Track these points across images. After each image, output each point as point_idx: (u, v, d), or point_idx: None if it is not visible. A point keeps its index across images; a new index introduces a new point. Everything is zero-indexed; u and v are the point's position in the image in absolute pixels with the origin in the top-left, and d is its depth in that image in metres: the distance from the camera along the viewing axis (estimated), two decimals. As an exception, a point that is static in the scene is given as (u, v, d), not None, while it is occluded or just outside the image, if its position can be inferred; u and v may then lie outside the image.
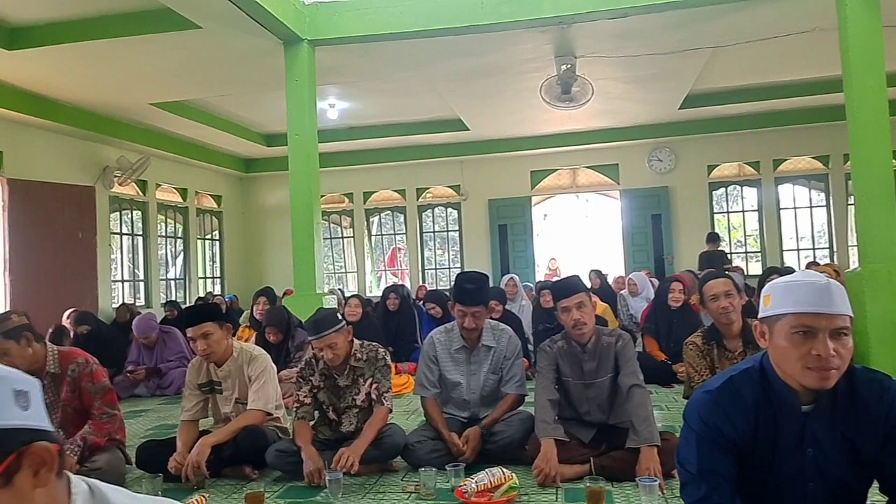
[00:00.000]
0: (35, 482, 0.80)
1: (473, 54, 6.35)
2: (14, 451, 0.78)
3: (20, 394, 0.81)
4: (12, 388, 0.81)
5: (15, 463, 0.78)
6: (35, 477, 0.80)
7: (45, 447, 0.81)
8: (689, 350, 3.05)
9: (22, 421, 0.80)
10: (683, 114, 9.51)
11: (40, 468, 0.80)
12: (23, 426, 0.80)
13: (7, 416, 0.79)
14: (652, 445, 2.68)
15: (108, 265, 8.66)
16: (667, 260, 10.57)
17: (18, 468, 0.78)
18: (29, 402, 0.82)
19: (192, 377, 3.32)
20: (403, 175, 11.33)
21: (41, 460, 0.80)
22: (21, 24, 5.63)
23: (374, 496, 2.82)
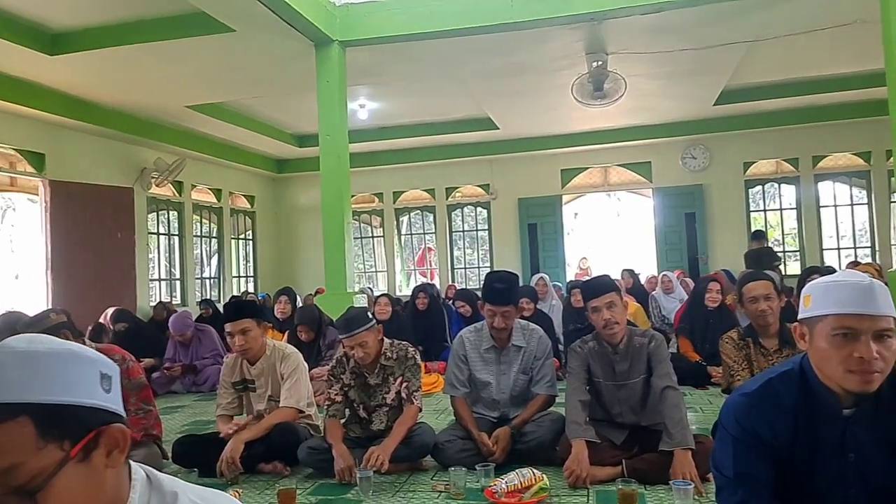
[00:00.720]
0: (107, 462, 0.84)
1: (503, 53, 6.32)
2: (95, 428, 0.83)
3: (105, 377, 0.87)
4: (100, 371, 0.86)
5: (94, 441, 0.83)
6: (108, 457, 0.84)
7: (121, 429, 0.86)
8: (725, 344, 3.04)
9: (104, 402, 0.85)
10: (719, 110, 9.31)
11: (113, 449, 0.85)
12: (104, 407, 0.85)
13: (93, 395, 0.84)
14: (686, 449, 2.63)
15: (146, 264, 8.87)
16: (701, 259, 10.37)
17: (96, 446, 0.83)
18: (111, 386, 0.87)
19: (227, 375, 3.38)
20: (433, 174, 11.34)
21: (115, 442, 0.85)
22: (62, 29, 5.80)
23: (405, 495, 2.83)
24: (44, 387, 0.80)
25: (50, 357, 0.83)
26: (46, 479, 0.78)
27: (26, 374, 0.80)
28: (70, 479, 0.80)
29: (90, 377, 0.85)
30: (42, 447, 0.79)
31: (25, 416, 0.78)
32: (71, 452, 0.80)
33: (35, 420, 0.79)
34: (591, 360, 2.98)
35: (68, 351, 0.85)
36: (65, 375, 0.82)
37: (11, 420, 0.78)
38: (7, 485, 0.77)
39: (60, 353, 0.84)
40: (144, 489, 0.89)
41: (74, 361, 0.84)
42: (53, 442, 0.80)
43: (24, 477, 0.77)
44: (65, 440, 0.80)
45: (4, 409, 0.78)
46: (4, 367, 0.80)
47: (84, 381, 0.84)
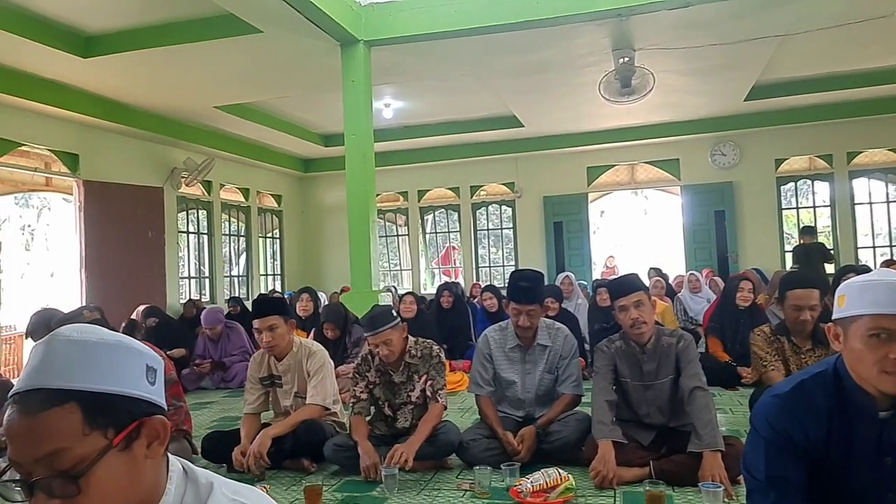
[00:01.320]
0: (147, 452, 0.87)
1: (529, 50, 6.29)
2: (138, 419, 0.86)
3: (150, 370, 0.90)
4: (146, 364, 0.89)
5: (136, 431, 0.85)
6: (148, 448, 0.87)
7: (163, 421, 0.89)
8: (756, 336, 3.00)
9: (148, 394, 0.88)
10: (749, 105, 9.13)
11: (154, 440, 0.87)
12: (148, 398, 0.88)
13: (138, 386, 0.87)
14: (716, 450, 2.59)
15: (176, 262, 9.03)
16: (731, 258, 10.19)
17: (137, 436, 0.86)
18: (156, 378, 0.91)
19: (254, 371, 3.42)
20: (458, 173, 11.34)
21: (156, 433, 0.88)
22: (95, 33, 5.93)
23: (429, 493, 2.84)
24: (92, 375, 0.83)
25: (100, 347, 0.85)
26: (89, 465, 0.80)
27: (76, 363, 0.83)
28: (111, 466, 0.82)
29: (137, 369, 0.88)
30: (87, 434, 0.81)
31: (73, 403, 0.81)
32: (114, 441, 0.83)
33: (82, 407, 0.81)
34: (618, 359, 2.95)
35: (118, 342, 0.88)
36: (113, 365, 0.85)
37: (60, 406, 0.81)
38: (52, 468, 0.79)
39: (110, 344, 0.87)
40: (181, 481, 0.92)
41: (123, 352, 0.87)
42: (98, 429, 0.82)
43: (68, 462, 0.80)
44: (109, 428, 0.83)
45: (54, 395, 0.81)
46: (57, 355, 0.83)
47: (131, 372, 0.87)
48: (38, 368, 0.83)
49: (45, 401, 0.81)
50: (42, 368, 0.83)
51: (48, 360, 0.83)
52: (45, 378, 0.82)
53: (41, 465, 0.80)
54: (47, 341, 0.86)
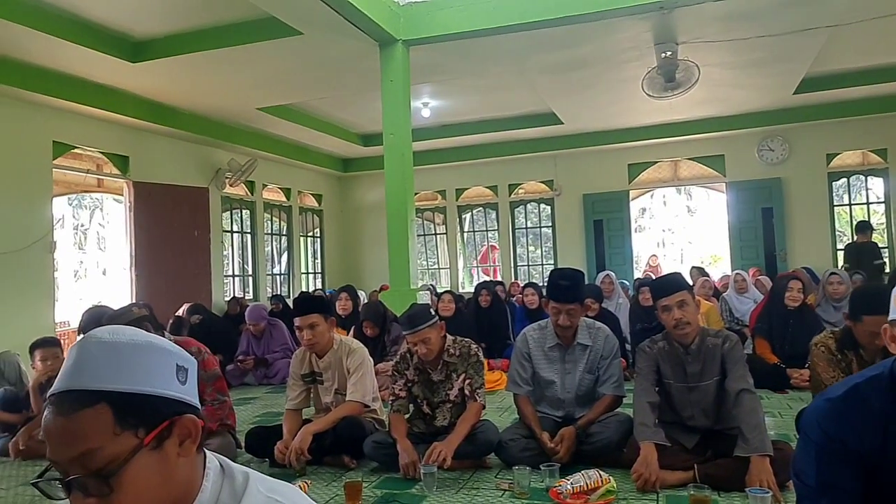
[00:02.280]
0: (179, 451, 0.88)
1: (568, 46, 6.21)
2: (168, 418, 0.87)
3: (181, 369, 0.91)
4: (176, 363, 0.91)
5: (167, 430, 0.87)
6: (180, 446, 0.88)
7: (193, 420, 0.90)
8: (819, 352, 2.76)
9: (179, 393, 0.89)
10: (798, 99, 8.83)
11: (185, 439, 0.89)
12: (178, 398, 0.89)
13: (168, 385, 0.88)
14: (764, 455, 2.51)
15: (221, 261, 9.25)
16: (779, 256, 9.87)
17: (168, 435, 0.87)
18: (187, 378, 0.92)
19: (296, 367, 3.48)
20: (496, 171, 11.29)
21: (188, 432, 0.89)
22: (143, 37, 6.12)
23: (468, 492, 2.83)
24: (123, 376, 0.84)
25: (130, 348, 0.87)
26: (121, 464, 0.82)
27: (107, 364, 0.85)
28: (143, 465, 0.84)
29: (167, 368, 0.89)
30: (119, 433, 0.83)
31: (104, 404, 0.83)
32: (145, 440, 0.84)
33: (113, 407, 0.83)
34: (661, 360, 2.88)
35: (148, 343, 0.89)
36: (143, 366, 0.86)
37: (91, 407, 0.82)
38: (85, 467, 0.81)
39: (140, 345, 0.88)
40: (217, 478, 0.92)
41: (153, 353, 0.88)
42: (129, 429, 0.84)
43: (100, 461, 0.81)
44: (139, 428, 0.84)
45: (86, 396, 0.83)
46: (88, 356, 0.85)
47: (161, 372, 0.88)
48: (71, 370, 0.85)
49: (77, 402, 0.82)
50: (75, 370, 0.85)
51: (80, 362, 0.85)
52: (78, 380, 0.84)
53: (76, 464, 0.82)
54: (80, 343, 0.88)
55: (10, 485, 3.27)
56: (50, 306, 6.70)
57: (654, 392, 2.86)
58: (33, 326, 6.07)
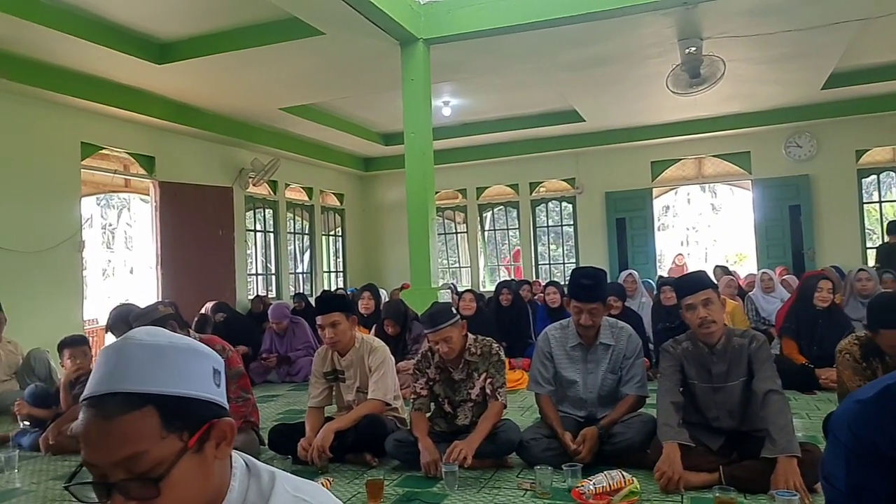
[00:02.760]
0: (216, 453, 0.88)
1: (590, 43, 6.16)
2: (208, 420, 0.87)
3: (216, 372, 0.92)
4: (212, 366, 0.91)
5: (206, 432, 0.87)
6: (217, 448, 0.88)
7: (230, 423, 0.90)
8: (844, 359, 2.71)
9: (216, 396, 0.90)
10: (827, 94, 8.64)
11: (221, 441, 0.89)
12: (216, 401, 0.90)
13: (207, 388, 0.88)
14: (791, 456, 2.46)
15: (245, 260, 9.36)
16: (807, 255, 9.68)
17: (208, 438, 0.87)
18: (221, 380, 0.92)
19: (318, 365, 3.50)
20: (517, 169, 11.25)
21: (224, 434, 0.89)
22: (168, 39, 6.21)
23: (489, 491, 2.82)
24: (168, 379, 0.84)
25: (172, 350, 0.87)
26: (168, 467, 0.82)
27: (151, 366, 0.84)
28: (186, 468, 0.84)
29: (205, 372, 0.89)
30: (164, 437, 0.82)
31: (151, 406, 0.82)
32: (189, 443, 0.84)
33: (160, 410, 0.82)
34: (685, 361, 2.84)
35: (188, 346, 0.89)
36: (185, 369, 0.87)
37: (138, 410, 0.82)
38: (129, 471, 0.81)
39: (181, 348, 0.88)
40: (244, 477, 0.93)
41: (193, 355, 0.89)
42: (174, 432, 0.83)
43: (147, 464, 0.81)
44: (184, 431, 0.84)
45: (133, 399, 0.82)
46: (132, 359, 0.84)
47: (200, 375, 0.88)
48: (112, 372, 0.84)
49: (122, 404, 0.81)
50: (116, 372, 0.83)
51: (123, 364, 0.84)
52: (121, 382, 0.83)
53: (119, 468, 0.80)
54: (119, 345, 0.87)
55: (41, 479, 3.34)
56: (79, 304, 6.84)
57: (678, 392, 2.82)
58: (62, 324, 6.21)
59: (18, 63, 5.81)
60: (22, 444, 3.90)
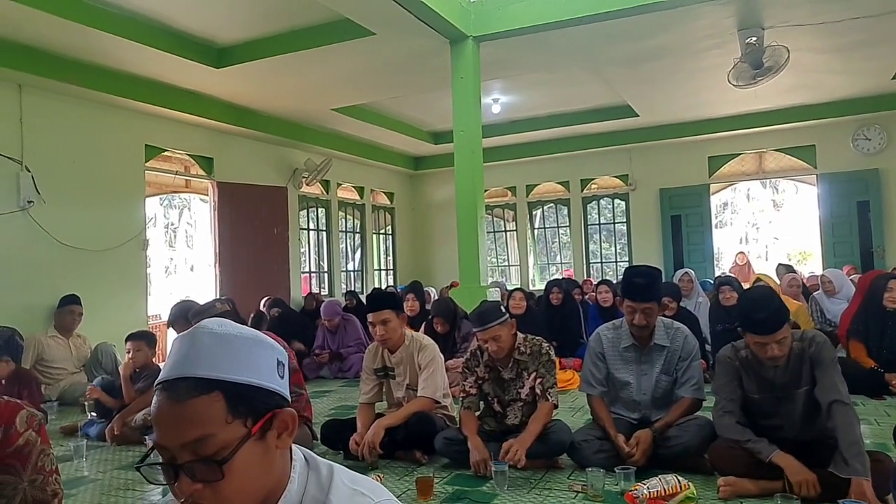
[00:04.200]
0: (277, 443, 0.91)
1: (644, 36, 6.01)
2: (271, 410, 0.91)
3: (280, 364, 0.95)
4: (276, 358, 0.94)
5: (269, 421, 0.90)
6: (278, 438, 0.91)
7: (292, 413, 0.93)
8: None
9: (279, 387, 0.93)
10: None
11: (283, 431, 0.92)
12: (279, 391, 0.93)
13: (272, 379, 0.92)
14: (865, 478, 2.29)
15: (298, 258, 9.56)
16: (877, 253, 9.19)
17: (270, 427, 0.90)
18: (284, 373, 0.95)
19: (369, 362, 3.54)
20: (567, 166, 11.10)
21: (285, 424, 0.92)
22: (226, 44, 6.40)
23: (540, 492, 2.80)
24: (235, 367, 0.88)
25: (240, 340, 0.91)
26: (232, 451, 0.85)
27: (220, 354, 0.88)
28: (249, 454, 0.87)
29: (270, 363, 0.92)
30: (230, 422, 0.86)
31: (218, 392, 0.86)
32: (252, 429, 0.87)
33: (226, 396, 0.86)
34: (745, 373, 2.67)
35: (254, 336, 0.93)
36: (251, 358, 0.90)
37: (207, 394, 0.86)
38: (195, 453, 0.85)
39: (248, 338, 0.92)
40: (303, 469, 0.96)
41: (259, 346, 0.92)
42: (239, 418, 0.87)
43: (212, 448, 0.85)
44: (248, 418, 0.87)
45: (203, 384, 0.86)
46: (203, 346, 0.89)
47: (266, 366, 0.91)
48: (184, 359, 0.88)
49: (192, 389, 0.85)
50: (188, 359, 0.88)
51: (194, 351, 0.88)
52: (192, 367, 0.87)
53: (186, 450, 0.84)
54: (191, 334, 0.91)
55: (107, 468, 3.50)
56: (143, 300, 7.14)
57: (738, 410, 2.66)
58: (128, 319, 6.49)
59: (86, 69, 6.10)
60: (89, 434, 4.09)
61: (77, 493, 3.07)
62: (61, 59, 5.87)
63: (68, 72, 5.93)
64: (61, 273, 6.10)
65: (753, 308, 2.53)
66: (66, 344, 5.66)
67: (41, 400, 4.73)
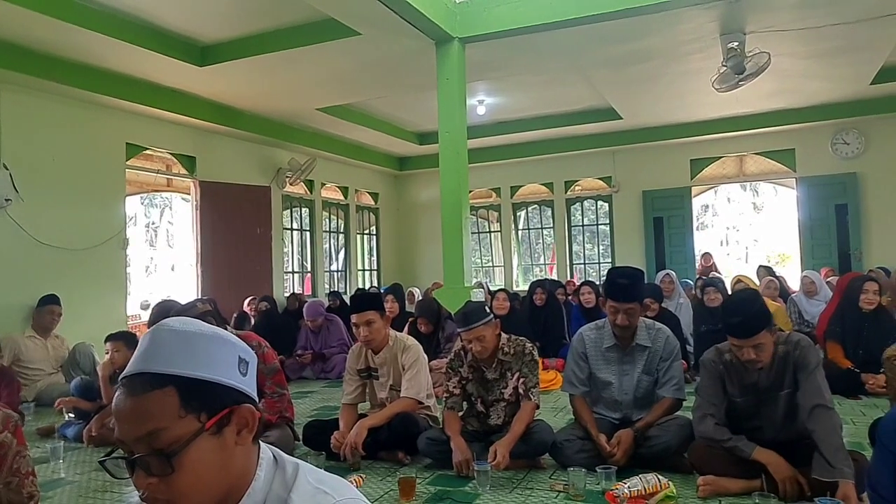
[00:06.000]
0: (237, 439, 0.92)
1: (628, 39, 6.06)
2: (228, 406, 0.91)
3: (243, 361, 0.95)
4: (239, 355, 0.95)
5: (227, 417, 0.91)
6: (238, 435, 0.92)
7: (251, 410, 0.94)
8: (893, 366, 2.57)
9: (239, 384, 0.94)
10: (876, 90, 8.32)
11: (243, 428, 0.93)
12: (239, 388, 0.93)
13: (230, 375, 0.93)
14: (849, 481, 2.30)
15: (281, 258, 9.51)
16: (854, 255, 9.35)
17: (228, 423, 0.91)
18: (248, 370, 0.96)
19: (352, 363, 3.53)
20: (551, 168, 11.15)
21: (245, 421, 0.93)
22: (209, 42, 6.34)
23: (522, 492, 2.81)
24: (190, 362, 0.89)
25: (198, 337, 0.92)
26: (183, 445, 0.86)
27: (177, 350, 0.90)
28: (203, 449, 0.88)
29: (230, 359, 0.93)
30: (182, 416, 0.87)
31: (172, 387, 0.87)
32: (206, 424, 0.88)
33: (179, 391, 0.87)
34: (728, 377, 2.69)
35: (214, 333, 0.94)
36: (209, 354, 0.91)
37: (160, 389, 0.87)
38: (149, 447, 0.86)
39: (207, 335, 0.93)
40: (270, 468, 0.96)
41: (218, 343, 0.93)
42: (192, 413, 0.88)
43: (164, 441, 0.86)
44: (202, 412, 0.88)
45: (157, 379, 0.88)
46: (161, 343, 0.91)
47: (224, 362, 0.92)
48: (143, 355, 0.91)
49: (147, 383, 0.87)
50: (147, 355, 0.90)
51: (153, 348, 0.91)
52: (149, 363, 0.89)
53: (141, 443, 0.86)
54: (153, 331, 0.93)
55: (84, 470, 3.46)
56: (122, 300, 7.05)
57: (720, 414, 2.68)
58: (107, 319, 6.41)
59: (67, 66, 6.01)
60: (67, 436, 4.04)
61: (54, 496, 3.03)
62: (40, 56, 5.78)
63: (48, 69, 5.85)
64: (40, 273, 6.01)
65: (730, 311, 2.58)
66: (43, 344, 5.58)
67: (18, 401, 4.65)
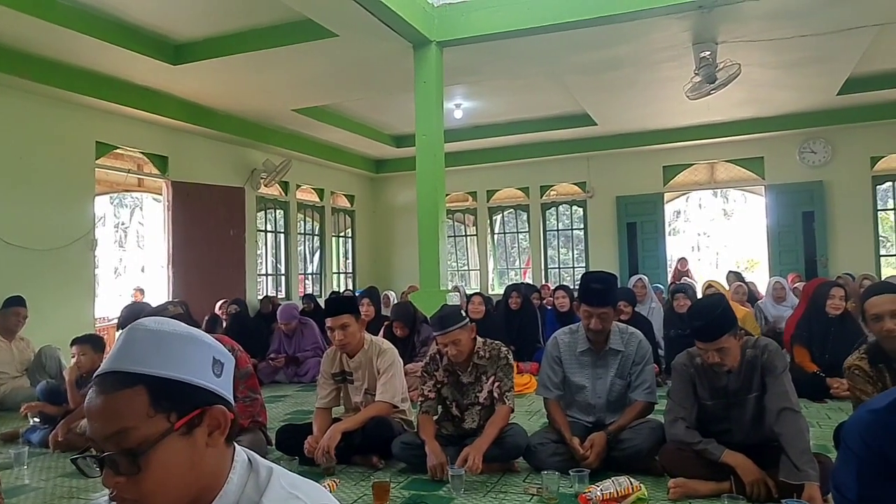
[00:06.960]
0: (208, 441, 0.91)
1: (603, 46, 6.14)
2: (200, 406, 0.90)
3: (217, 362, 0.94)
4: (212, 356, 0.94)
5: (198, 418, 0.90)
6: (209, 436, 0.91)
7: (223, 411, 0.92)
8: (854, 376, 2.59)
9: (213, 385, 0.92)
10: (842, 100, 8.57)
11: (215, 429, 0.92)
12: (212, 389, 0.92)
13: (203, 376, 0.92)
14: (815, 483, 2.36)
15: (255, 260, 9.40)
16: (820, 262, 9.59)
17: (199, 423, 0.90)
18: (222, 372, 0.95)
19: (327, 367, 3.50)
20: (527, 172, 11.23)
21: (217, 422, 0.92)
22: (183, 40, 6.26)
23: (496, 495, 2.81)
24: (162, 362, 0.88)
25: (172, 337, 0.91)
26: (150, 445, 0.85)
27: (150, 350, 0.89)
28: (172, 449, 0.87)
29: (203, 360, 0.92)
30: (152, 416, 0.86)
31: (141, 386, 0.87)
32: (175, 425, 0.87)
33: (149, 390, 0.87)
34: (698, 380, 2.74)
35: (188, 334, 0.93)
36: (181, 355, 0.90)
37: (130, 388, 0.86)
38: (118, 445, 0.85)
39: (181, 335, 0.92)
40: (244, 471, 0.95)
41: (192, 343, 0.92)
42: (162, 413, 0.87)
43: (132, 441, 0.85)
44: (172, 413, 0.87)
45: (127, 378, 0.87)
46: (134, 342, 0.90)
47: (198, 363, 0.91)
48: (116, 354, 0.90)
49: (117, 382, 0.87)
50: (120, 354, 0.90)
51: (126, 347, 0.90)
52: (121, 362, 0.88)
53: (110, 442, 0.85)
54: (128, 330, 0.92)
55: (49, 476, 3.37)
56: (90, 302, 6.89)
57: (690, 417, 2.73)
58: (74, 321, 6.26)
59: (35, 62, 5.87)
60: (32, 441, 3.93)
61: (18, 502, 2.94)
62: (6, 51, 5.64)
63: (14, 64, 5.71)
64: (5, 273, 5.85)
65: (695, 316, 2.67)
66: (7, 347, 5.42)
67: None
